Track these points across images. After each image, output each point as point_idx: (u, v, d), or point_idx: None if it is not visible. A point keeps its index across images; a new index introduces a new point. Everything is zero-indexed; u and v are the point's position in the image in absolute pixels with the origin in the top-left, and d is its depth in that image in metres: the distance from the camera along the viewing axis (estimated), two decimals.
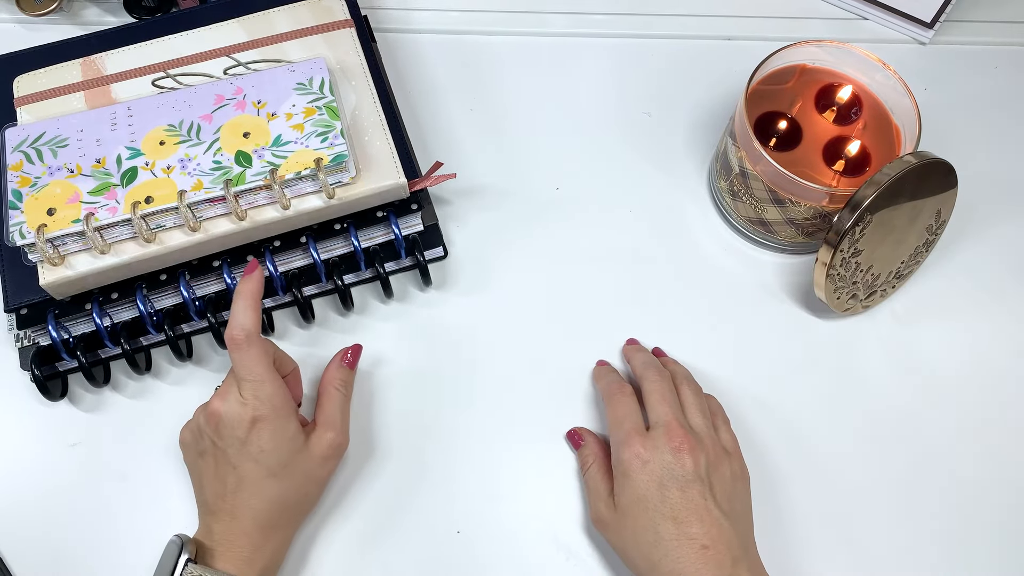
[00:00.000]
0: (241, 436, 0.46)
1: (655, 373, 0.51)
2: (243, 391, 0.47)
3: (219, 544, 0.46)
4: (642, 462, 0.47)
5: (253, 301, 0.48)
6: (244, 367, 0.47)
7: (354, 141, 0.54)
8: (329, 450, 0.49)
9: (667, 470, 0.46)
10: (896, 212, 0.52)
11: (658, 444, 0.47)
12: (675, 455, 0.46)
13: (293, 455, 0.47)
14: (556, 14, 0.68)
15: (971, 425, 0.55)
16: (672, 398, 0.50)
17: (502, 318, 0.57)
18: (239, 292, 0.48)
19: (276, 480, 0.47)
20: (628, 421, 0.49)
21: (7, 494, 0.52)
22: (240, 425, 0.46)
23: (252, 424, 0.46)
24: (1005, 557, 0.52)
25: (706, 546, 0.44)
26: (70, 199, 0.51)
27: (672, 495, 0.45)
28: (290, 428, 0.48)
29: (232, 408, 0.47)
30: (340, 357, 0.54)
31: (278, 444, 0.47)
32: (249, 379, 0.47)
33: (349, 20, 0.59)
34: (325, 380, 0.52)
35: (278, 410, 0.47)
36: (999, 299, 0.59)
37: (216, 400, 0.47)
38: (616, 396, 0.51)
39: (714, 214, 0.61)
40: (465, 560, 0.51)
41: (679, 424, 0.48)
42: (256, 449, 0.46)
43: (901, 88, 0.55)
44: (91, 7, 0.67)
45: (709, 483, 0.46)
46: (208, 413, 0.47)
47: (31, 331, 0.53)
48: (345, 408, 0.52)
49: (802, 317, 0.58)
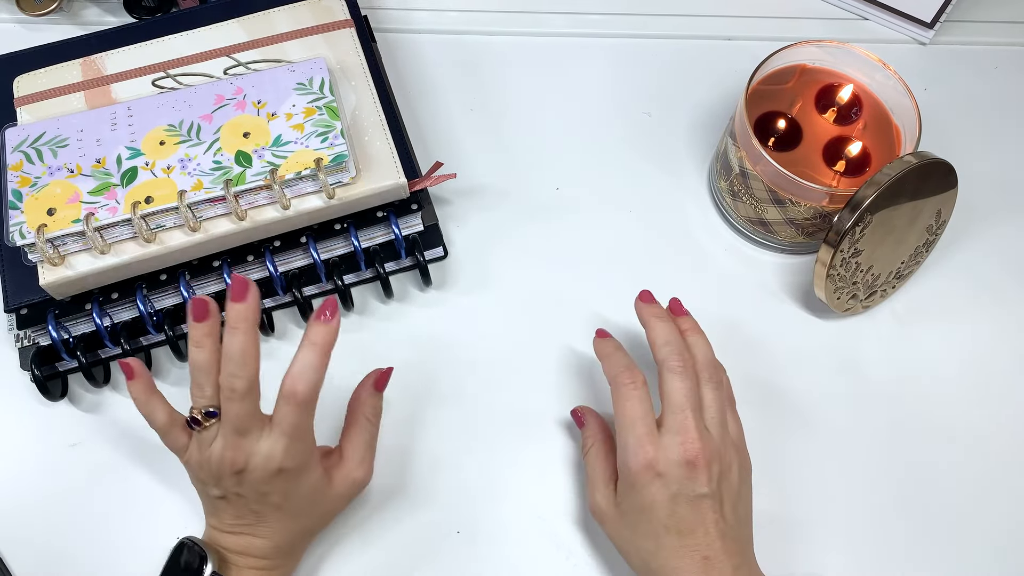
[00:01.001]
0: (264, 490, 0.44)
1: (678, 362, 0.46)
2: (274, 439, 0.43)
3: (236, 558, 0.45)
4: (653, 475, 0.44)
5: (326, 356, 0.43)
6: (291, 423, 0.43)
7: (354, 141, 0.55)
8: (355, 489, 0.48)
9: (679, 484, 0.44)
10: (896, 212, 0.52)
11: (671, 456, 0.44)
12: (690, 470, 0.44)
13: (315, 497, 0.46)
14: (556, 14, 0.68)
15: (971, 425, 0.55)
16: (695, 398, 0.46)
17: (502, 318, 0.57)
18: (312, 342, 0.43)
19: (296, 520, 0.46)
20: (639, 425, 0.45)
21: (7, 494, 0.52)
22: (264, 479, 0.43)
23: (276, 475, 0.43)
24: (1005, 556, 0.52)
25: (708, 557, 0.44)
26: (70, 199, 0.51)
27: (681, 510, 0.44)
28: (313, 478, 0.45)
29: (258, 462, 0.43)
30: (371, 380, 0.50)
31: (301, 493, 0.45)
32: (291, 434, 0.43)
33: (349, 20, 0.59)
34: (356, 407, 0.49)
35: (303, 465, 0.44)
36: (999, 299, 0.59)
37: (237, 451, 0.43)
38: (626, 389, 0.46)
39: (714, 214, 0.61)
40: (465, 560, 0.51)
41: (697, 434, 0.44)
42: (279, 498, 0.44)
43: (901, 88, 0.55)
44: (91, 7, 0.67)
45: (720, 496, 0.44)
46: (227, 461, 0.43)
47: (31, 331, 0.53)
48: (374, 442, 0.49)
49: (802, 317, 0.58)
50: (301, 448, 0.44)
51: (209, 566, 0.44)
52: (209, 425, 0.44)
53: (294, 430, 0.43)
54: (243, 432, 0.43)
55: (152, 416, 0.45)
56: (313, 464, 0.45)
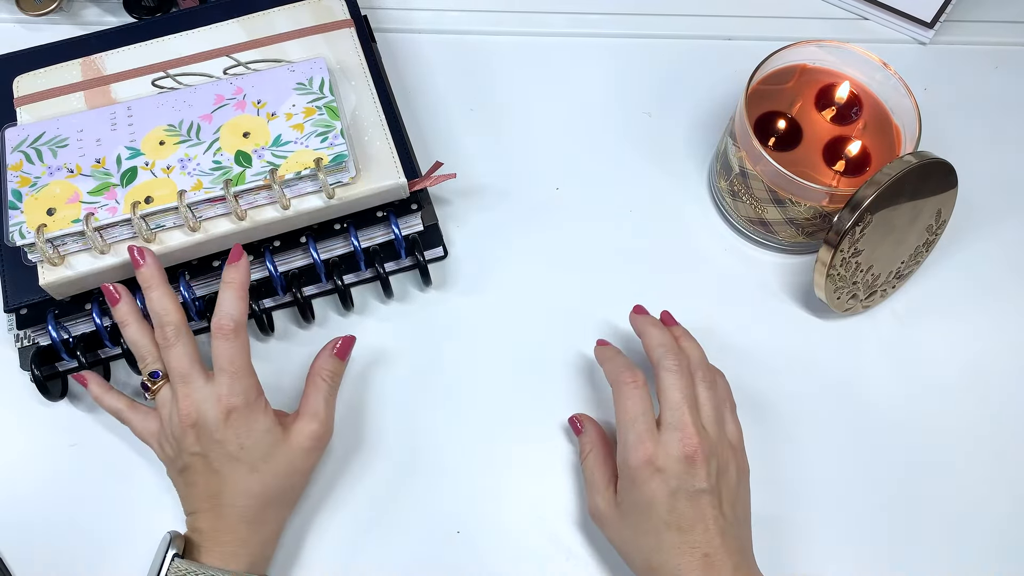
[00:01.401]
0: (218, 437, 0.46)
1: (673, 361, 0.48)
2: (219, 381, 0.46)
3: (205, 540, 0.46)
4: (653, 470, 0.45)
5: (242, 291, 0.48)
6: (227, 357, 0.47)
7: (354, 141, 0.54)
8: (310, 441, 0.49)
9: (679, 480, 0.44)
10: (896, 212, 0.52)
11: (671, 451, 0.45)
12: (688, 465, 0.45)
13: (272, 448, 0.47)
14: (556, 14, 0.68)
15: (972, 425, 0.55)
16: (691, 395, 0.47)
17: (502, 318, 0.57)
18: (227, 281, 0.48)
19: (258, 475, 0.47)
20: (640, 422, 0.46)
21: (7, 494, 0.53)
22: (216, 423, 0.46)
23: (226, 417, 0.46)
24: (1006, 556, 0.52)
25: (708, 554, 0.44)
26: (70, 199, 0.51)
27: (681, 505, 0.44)
28: (264, 421, 0.47)
29: (206, 406, 0.46)
30: (330, 347, 0.52)
31: (256, 438, 0.47)
32: (229, 370, 0.46)
33: (349, 20, 0.59)
34: (313, 369, 0.51)
35: (251, 404, 0.47)
36: (999, 299, 0.59)
37: (185, 400, 0.46)
38: (627, 387, 0.48)
39: (714, 214, 0.61)
40: (465, 560, 0.51)
41: (695, 430, 0.45)
42: (235, 446, 0.46)
43: (901, 88, 0.55)
44: (91, 7, 0.67)
45: (719, 492, 0.45)
46: (182, 416, 0.46)
47: (31, 331, 0.53)
48: (331, 399, 0.51)
49: (802, 317, 0.58)
50: (245, 384, 0.47)
51: (172, 550, 0.45)
52: (157, 386, 0.48)
53: (231, 364, 0.47)
54: (187, 379, 0.47)
55: (114, 405, 0.50)
56: (262, 405, 0.48)
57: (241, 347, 0.47)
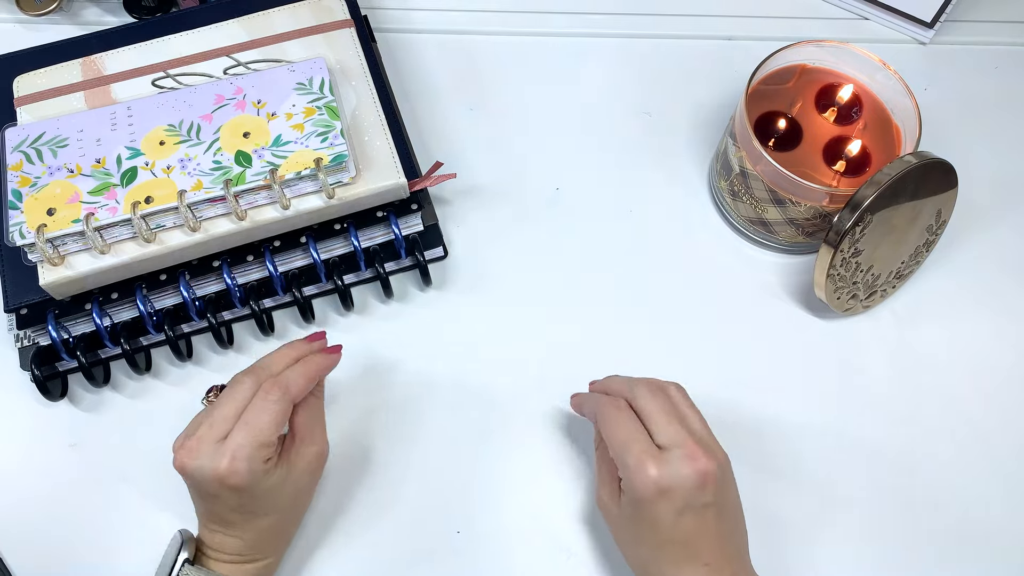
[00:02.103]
0: (232, 504, 0.44)
1: (646, 388, 0.46)
2: (234, 434, 0.44)
3: (217, 551, 0.46)
4: (660, 490, 0.43)
5: (317, 376, 0.47)
6: (258, 415, 0.44)
7: (354, 141, 0.54)
8: (312, 464, 0.48)
9: (686, 499, 0.43)
10: (896, 212, 0.52)
11: (680, 471, 0.43)
12: (699, 478, 0.43)
13: (278, 486, 0.46)
14: (556, 14, 0.68)
15: (972, 425, 0.55)
16: (678, 413, 0.45)
17: (502, 318, 0.57)
18: (312, 359, 0.47)
19: (268, 517, 0.46)
20: (636, 444, 0.44)
21: (7, 494, 0.52)
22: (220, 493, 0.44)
23: (221, 484, 0.44)
24: (1006, 556, 0.52)
25: (708, 563, 0.44)
26: (70, 199, 0.51)
27: (686, 521, 0.43)
28: (266, 467, 0.45)
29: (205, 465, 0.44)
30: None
31: (264, 490, 0.45)
32: (253, 425, 0.44)
33: (349, 20, 0.59)
34: None
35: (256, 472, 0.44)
36: (999, 299, 0.59)
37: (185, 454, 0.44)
38: (612, 414, 0.46)
39: (714, 214, 0.61)
40: (465, 560, 0.51)
41: (699, 447, 0.43)
42: (248, 510, 0.45)
43: (901, 88, 0.55)
44: (91, 7, 0.67)
45: (721, 503, 0.44)
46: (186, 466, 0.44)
47: (31, 331, 0.53)
48: (319, 415, 0.49)
49: (802, 317, 0.58)
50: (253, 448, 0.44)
51: (183, 553, 0.45)
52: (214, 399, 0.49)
53: (257, 419, 0.44)
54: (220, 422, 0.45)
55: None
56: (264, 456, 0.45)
57: (279, 414, 0.45)
